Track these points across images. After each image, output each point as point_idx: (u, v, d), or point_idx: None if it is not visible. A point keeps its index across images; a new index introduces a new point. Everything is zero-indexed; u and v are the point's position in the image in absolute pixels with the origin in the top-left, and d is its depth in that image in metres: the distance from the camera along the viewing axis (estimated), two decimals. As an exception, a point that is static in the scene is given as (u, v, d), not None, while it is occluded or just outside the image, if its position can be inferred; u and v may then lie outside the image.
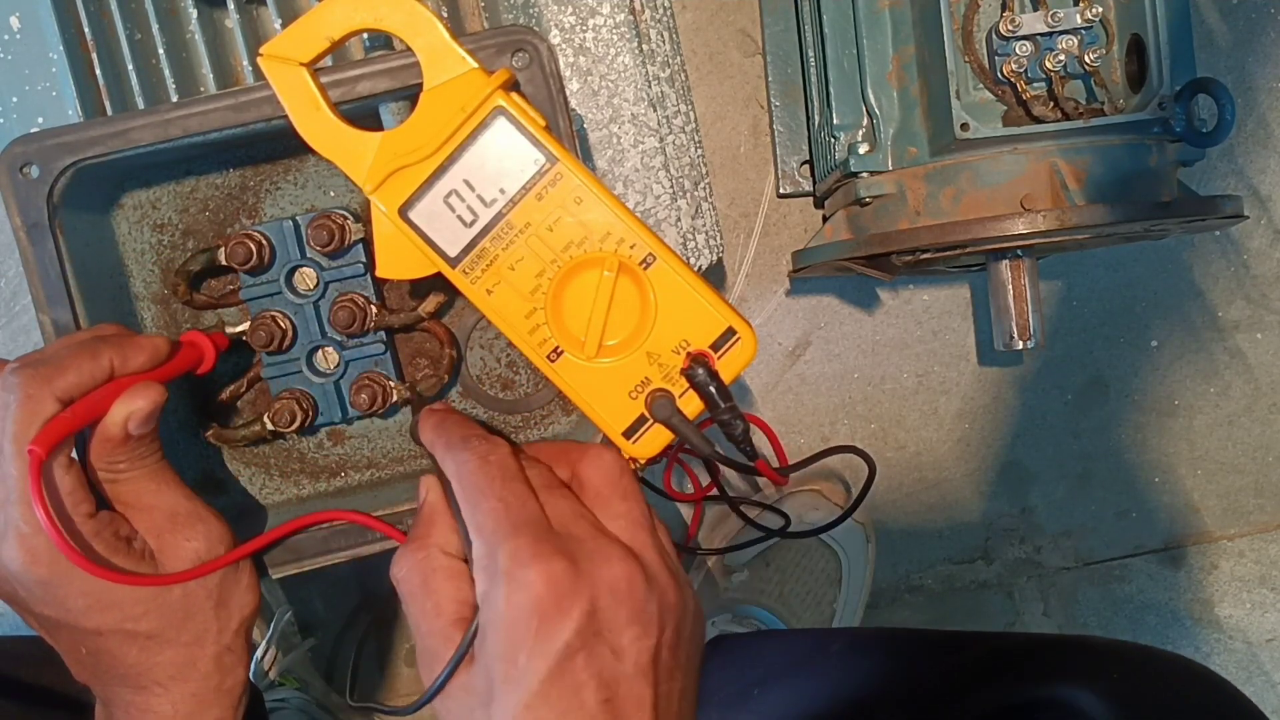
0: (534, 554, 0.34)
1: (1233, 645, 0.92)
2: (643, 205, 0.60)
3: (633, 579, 0.35)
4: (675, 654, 0.36)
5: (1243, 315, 0.87)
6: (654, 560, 0.36)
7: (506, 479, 0.36)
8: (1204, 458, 0.90)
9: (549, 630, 0.33)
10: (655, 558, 0.36)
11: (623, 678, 0.34)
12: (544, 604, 0.33)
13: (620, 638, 0.34)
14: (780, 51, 0.80)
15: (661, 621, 0.35)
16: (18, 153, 0.41)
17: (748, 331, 0.39)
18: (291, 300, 0.47)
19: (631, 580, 0.35)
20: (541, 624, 0.33)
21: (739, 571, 0.82)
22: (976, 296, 0.85)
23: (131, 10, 0.50)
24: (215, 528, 0.41)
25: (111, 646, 0.38)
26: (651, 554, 0.36)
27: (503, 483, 0.36)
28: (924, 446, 0.88)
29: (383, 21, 0.37)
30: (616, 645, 0.34)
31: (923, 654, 0.57)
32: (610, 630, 0.34)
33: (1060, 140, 0.60)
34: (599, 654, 0.34)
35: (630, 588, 0.35)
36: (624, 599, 0.34)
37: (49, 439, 0.35)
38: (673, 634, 0.36)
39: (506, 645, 0.34)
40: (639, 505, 0.38)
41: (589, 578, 0.34)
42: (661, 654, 0.35)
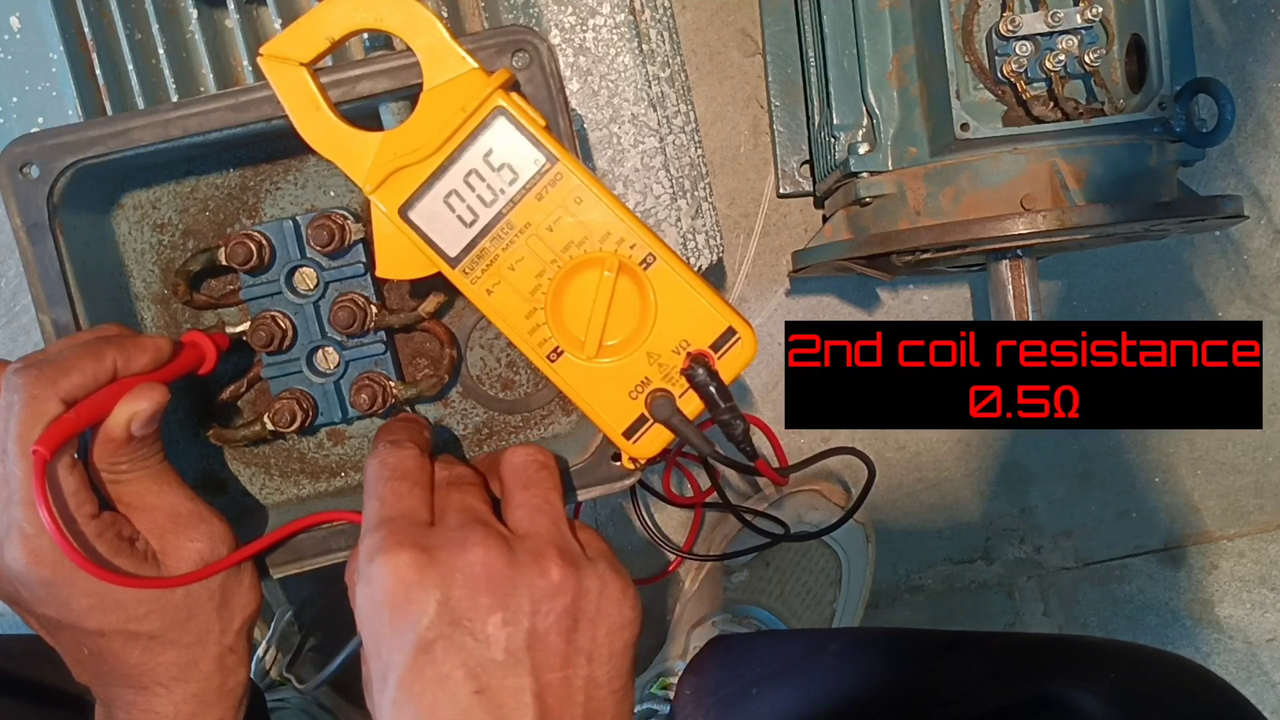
0: (383, 546, 0.33)
1: (1233, 645, 0.92)
2: (643, 205, 0.60)
3: (491, 562, 0.33)
4: (569, 638, 0.33)
5: (1243, 315, 0.87)
6: (542, 544, 0.34)
7: (390, 479, 0.36)
8: (1204, 458, 0.90)
9: (400, 622, 0.32)
10: (546, 541, 0.35)
11: (493, 666, 0.32)
12: (392, 596, 0.33)
13: (484, 624, 0.32)
14: (780, 51, 0.80)
15: (537, 606, 0.33)
16: (18, 153, 0.41)
17: (748, 331, 0.39)
18: (291, 300, 0.47)
19: (490, 564, 0.33)
20: (393, 616, 0.33)
21: (739, 571, 0.82)
22: (976, 296, 0.85)
23: (131, 10, 0.50)
24: (217, 528, 0.41)
25: (114, 647, 0.38)
26: (543, 538, 0.35)
27: (385, 482, 0.36)
28: (924, 446, 0.88)
29: (383, 21, 0.38)
30: (479, 633, 0.32)
31: (922, 654, 0.57)
32: (470, 618, 0.32)
33: (1060, 140, 0.60)
34: (460, 643, 0.32)
35: (489, 572, 0.33)
36: (483, 585, 0.33)
37: (53, 439, 0.35)
38: (561, 618, 0.33)
39: (370, 641, 0.34)
40: (540, 492, 0.37)
41: (442, 566, 0.33)
42: (547, 639, 0.33)
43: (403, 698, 0.32)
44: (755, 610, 0.79)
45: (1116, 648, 0.49)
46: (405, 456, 0.38)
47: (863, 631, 0.76)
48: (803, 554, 0.81)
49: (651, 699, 0.76)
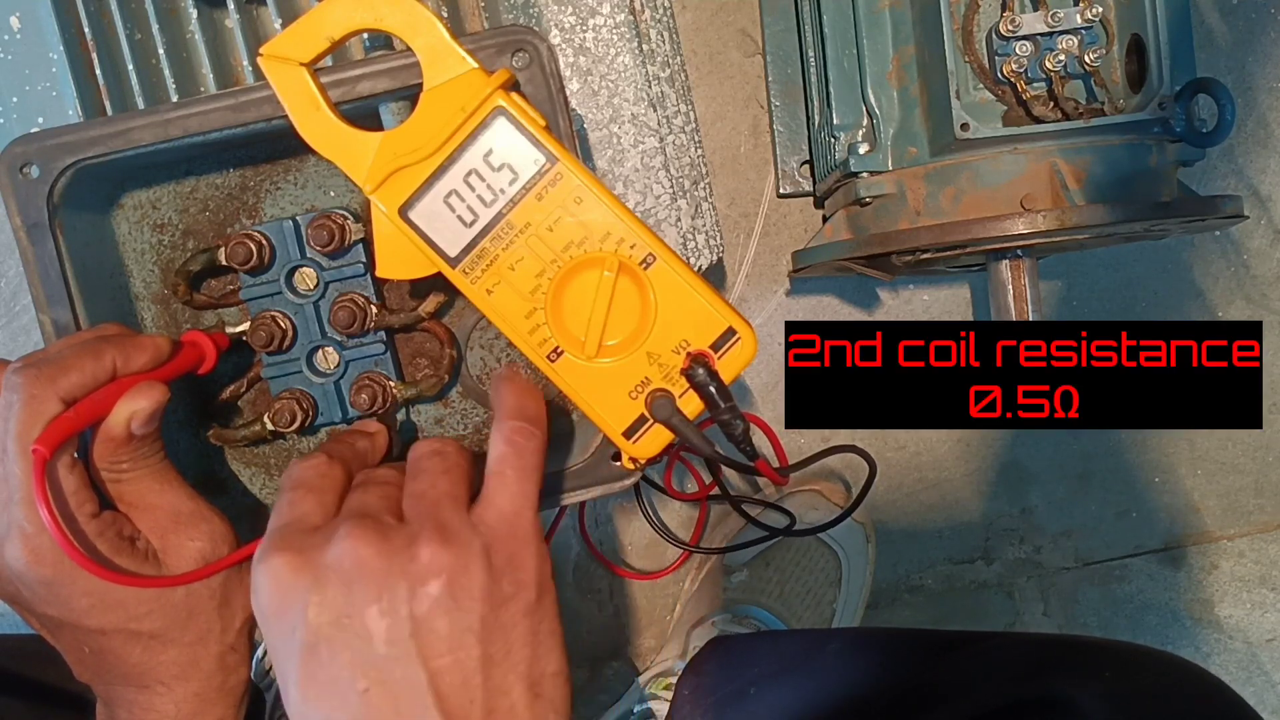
0: (260, 555, 0.33)
1: (1233, 645, 0.92)
2: (643, 205, 0.60)
3: (360, 554, 0.31)
4: (452, 619, 0.31)
5: (1243, 315, 0.87)
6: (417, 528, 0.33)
7: (286, 489, 0.36)
8: (1204, 458, 0.90)
9: (284, 627, 0.32)
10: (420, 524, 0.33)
11: (379, 661, 0.31)
12: (272, 602, 0.32)
13: (363, 619, 0.31)
14: (780, 51, 0.80)
15: (413, 591, 0.31)
16: (18, 153, 0.41)
17: (748, 331, 0.39)
18: (291, 300, 0.47)
19: (359, 556, 0.31)
20: (276, 623, 0.32)
21: (738, 571, 0.82)
22: (976, 296, 0.85)
23: (131, 10, 0.50)
24: (218, 527, 0.41)
25: (115, 646, 0.38)
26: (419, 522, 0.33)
27: (281, 494, 0.36)
28: (924, 446, 0.88)
29: (383, 21, 0.38)
30: (360, 628, 0.31)
31: (922, 654, 0.57)
32: (350, 614, 0.31)
33: (1060, 140, 0.60)
34: (344, 642, 0.31)
35: (359, 564, 0.31)
36: (357, 576, 0.31)
37: (53, 439, 0.35)
38: (440, 600, 0.31)
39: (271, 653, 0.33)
40: (426, 478, 0.35)
41: (313, 565, 0.32)
42: (431, 622, 0.31)
43: (302, 707, 0.31)
44: (755, 610, 0.79)
45: (1116, 648, 0.49)
46: (306, 466, 0.37)
47: (862, 631, 0.76)
48: (802, 554, 0.82)
49: (651, 699, 0.76)
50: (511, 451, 0.35)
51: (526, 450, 0.36)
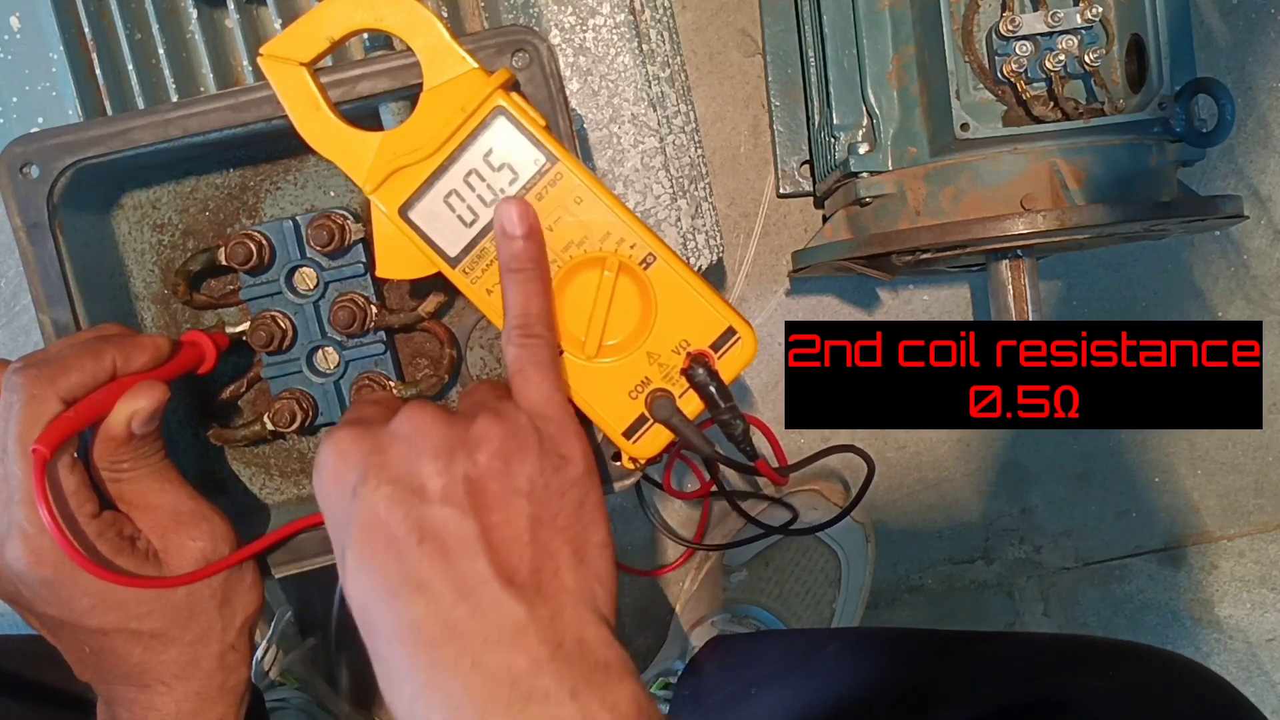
0: (328, 434, 0.35)
1: (1233, 645, 0.92)
2: (643, 205, 0.60)
3: (420, 422, 0.34)
4: (503, 480, 0.33)
5: (1243, 315, 0.87)
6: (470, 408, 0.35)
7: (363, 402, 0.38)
8: (1204, 458, 0.90)
9: (343, 490, 0.34)
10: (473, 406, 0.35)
11: (434, 515, 0.32)
12: (333, 469, 0.34)
13: (419, 477, 0.33)
14: (780, 51, 0.80)
15: (472, 450, 0.33)
16: (18, 153, 0.41)
17: (748, 331, 0.39)
18: (291, 300, 0.47)
19: (418, 423, 0.34)
20: (336, 488, 0.34)
21: (738, 571, 0.82)
22: (976, 296, 0.85)
23: (131, 10, 0.50)
24: (219, 527, 0.41)
25: (115, 645, 0.38)
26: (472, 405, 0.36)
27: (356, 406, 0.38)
28: (924, 446, 0.88)
29: (383, 21, 0.38)
30: (417, 486, 0.33)
31: (921, 654, 0.57)
32: (408, 474, 0.33)
33: (1060, 140, 0.60)
34: (399, 499, 0.32)
35: (419, 429, 0.34)
36: (416, 440, 0.33)
37: (53, 438, 0.35)
38: (492, 460, 0.33)
39: (329, 527, 0.35)
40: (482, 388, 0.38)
41: (374, 434, 0.34)
42: (483, 483, 0.33)
43: (355, 564, 0.33)
44: (755, 610, 0.79)
45: (1120, 647, 0.49)
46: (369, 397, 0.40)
47: (862, 632, 0.76)
48: (802, 554, 0.82)
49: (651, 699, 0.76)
50: (524, 352, 0.37)
51: (537, 346, 0.37)
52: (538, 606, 0.32)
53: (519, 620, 0.31)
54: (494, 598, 0.32)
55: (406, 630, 0.31)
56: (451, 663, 0.31)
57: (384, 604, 0.32)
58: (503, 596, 0.32)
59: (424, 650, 0.31)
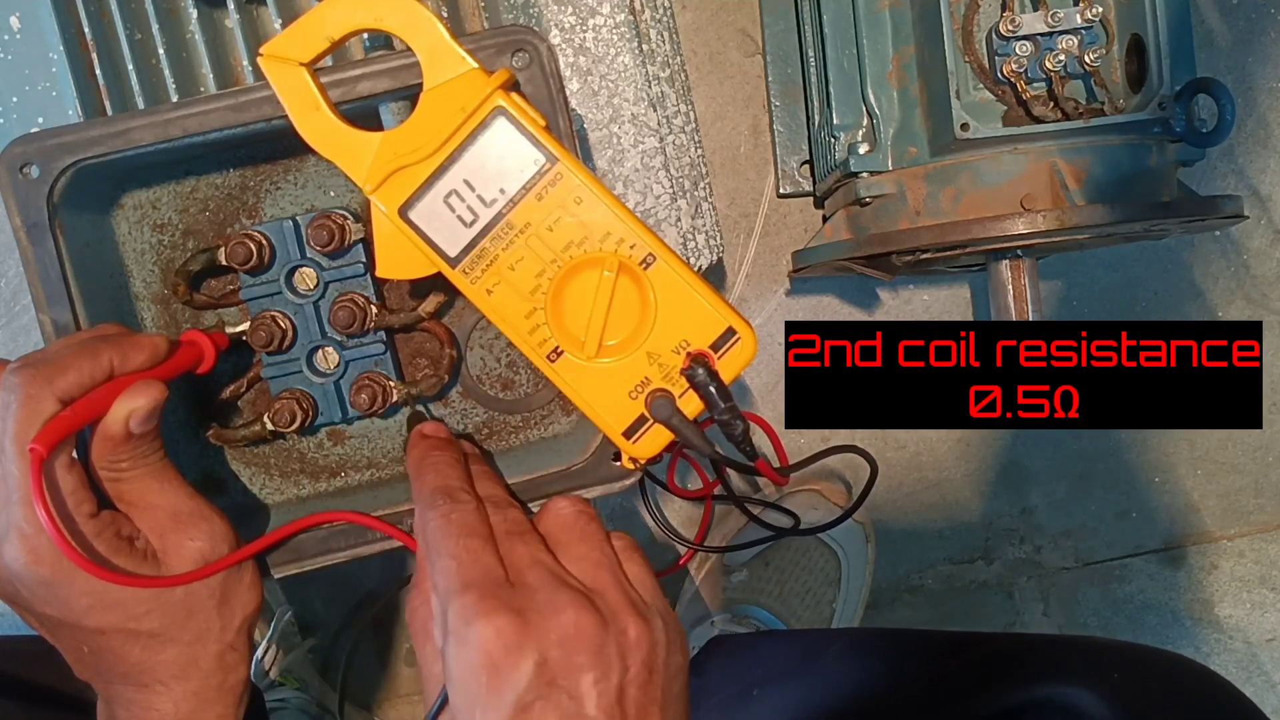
0: (478, 610, 0.34)
1: (1233, 645, 0.92)
2: (643, 205, 0.60)
3: (583, 623, 0.34)
4: (647, 690, 0.35)
5: (1243, 315, 0.87)
6: (615, 599, 0.36)
7: (462, 535, 0.37)
8: (1204, 458, 0.90)
9: (499, 685, 0.33)
10: (617, 596, 0.36)
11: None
12: (492, 659, 0.33)
13: (578, 684, 0.34)
14: (780, 51, 0.80)
15: (624, 660, 0.35)
16: (18, 153, 0.41)
17: (748, 331, 0.39)
18: (291, 300, 0.47)
19: (581, 625, 0.34)
20: (491, 680, 0.33)
21: (738, 571, 0.82)
22: (976, 296, 0.85)
23: (131, 10, 0.50)
24: (218, 526, 0.41)
25: (114, 645, 0.38)
26: (613, 593, 0.36)
27: (457, 539, 0.36)
28: (924, 446, 0.88)
29: (383, 21, 0.37)
30: (574, 692, 0.33)
31: (922, 655, 0.57)
32: (566, 678, 0.34)
33: (1060, 140, 0.60)
34: (556, 702, 0.33)
35: (581, 633, 0.34)
36: (577, 645, 0.34)
37: (50, 438, 0.35)
38: (641, 669, 0.35)
39: (463, 703, 0.34)
40: (596, 545, 0.38)
41: (537, 629, 0.34)
42: (629, 692, 0.34)
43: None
44: (755, 610, 0.79)
45: (1122, 648, 0.49)
46: (468, 512, 0.38)
47: (863, 633, 0.75)
48: (802, 554, 0.81)
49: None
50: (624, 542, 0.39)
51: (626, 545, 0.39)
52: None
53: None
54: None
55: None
56: None
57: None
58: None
59: None
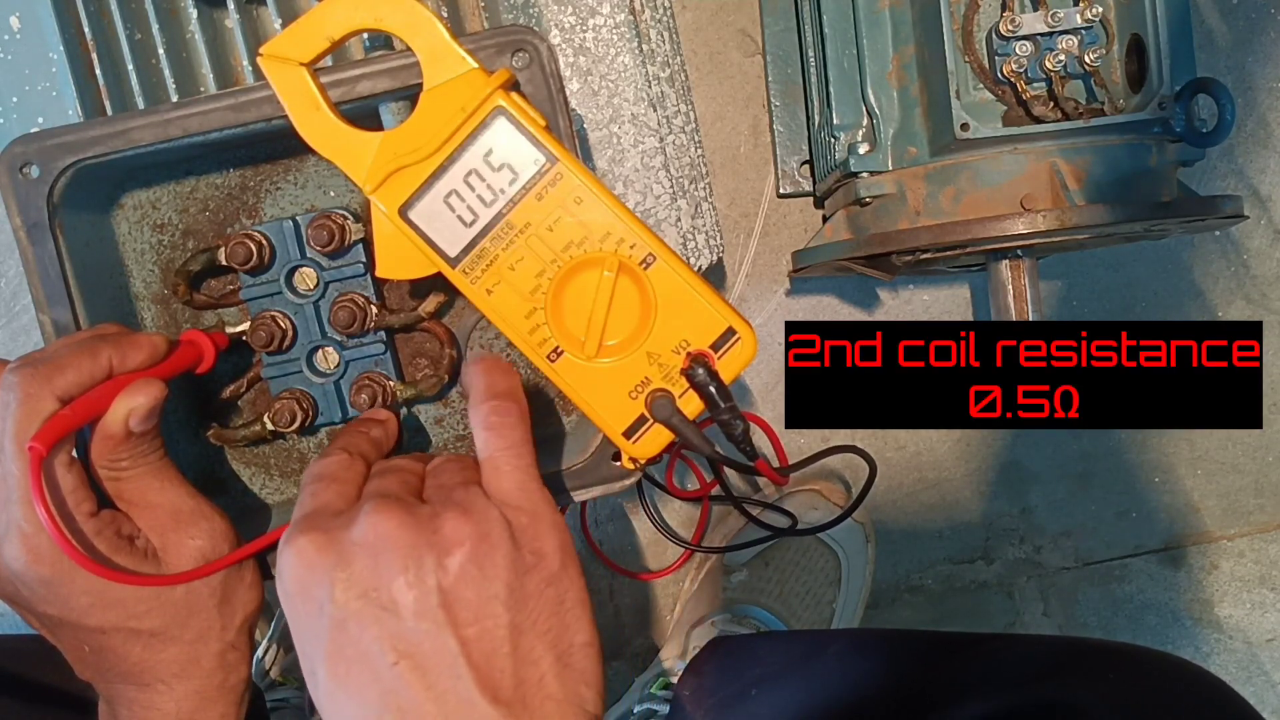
0: (285, 540, 0.33)
1: (1233, 645, 0.92)
2: (643, 205, 0.60)
3: (384, 529, 0.32)
4: (478, 588, 0.32)
5: (1243, 315, 0.87)
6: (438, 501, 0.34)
7: (309, 482, 0.37)
8: (1204, 458, 0.90)
9: (310, 606, 0.32)
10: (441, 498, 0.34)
11: (409, 632, 0.31)
12: (301, 582, 0.32)
13: (390, 590, 0.31)
14: (780, 51, 0.80)
15: (440, 558, 0.31)
16: (18, 153, 0.41)
17: (748, 331, 0.39)
18: (291, 300, 0.47)
19: (383, 531, 0.32)
20: (303, 602, 0.32)
21: (738, 571, 0.82)
22: (976, 296, 0.85)
23: (131, 10, 0.50)
24: (219, 525, 0.41)
25: (115, 644, 0.38)
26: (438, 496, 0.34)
27: (304, 487, 0.36)
28: (924, 446, 0.88)
29: (383, 21, 0.38)
30: (387, 600, 0.31)
31: (922, 656, 0.57)
32: (377, 587, 0.31)
33: (1060, 140, 0.60)
34: (372, 617, 0.31)
35: (383, 536, 0.32)
36: (382, 550, 0.31)
37: (49, 436, 0.35)
38: (467, 566, 0.32)
39: (296, 639, 0.33)
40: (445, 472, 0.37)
41: (340, 543, 0.32)
42: (457, 593, 0.31)
43: (330, 685, 0.31)
44: (755, 610, 0.79)
45: (1121, 650, 0.49)
46: (326, 461, 0.38)
47: (863, 633, 0.76)
48: (802, 554, 0.81)
49: (651, 699, 0.76)
50: (493, 434, 0.36)
51: (507, 427, 0.36)
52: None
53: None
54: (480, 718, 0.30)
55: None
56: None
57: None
58: (489, 714, 0.30)
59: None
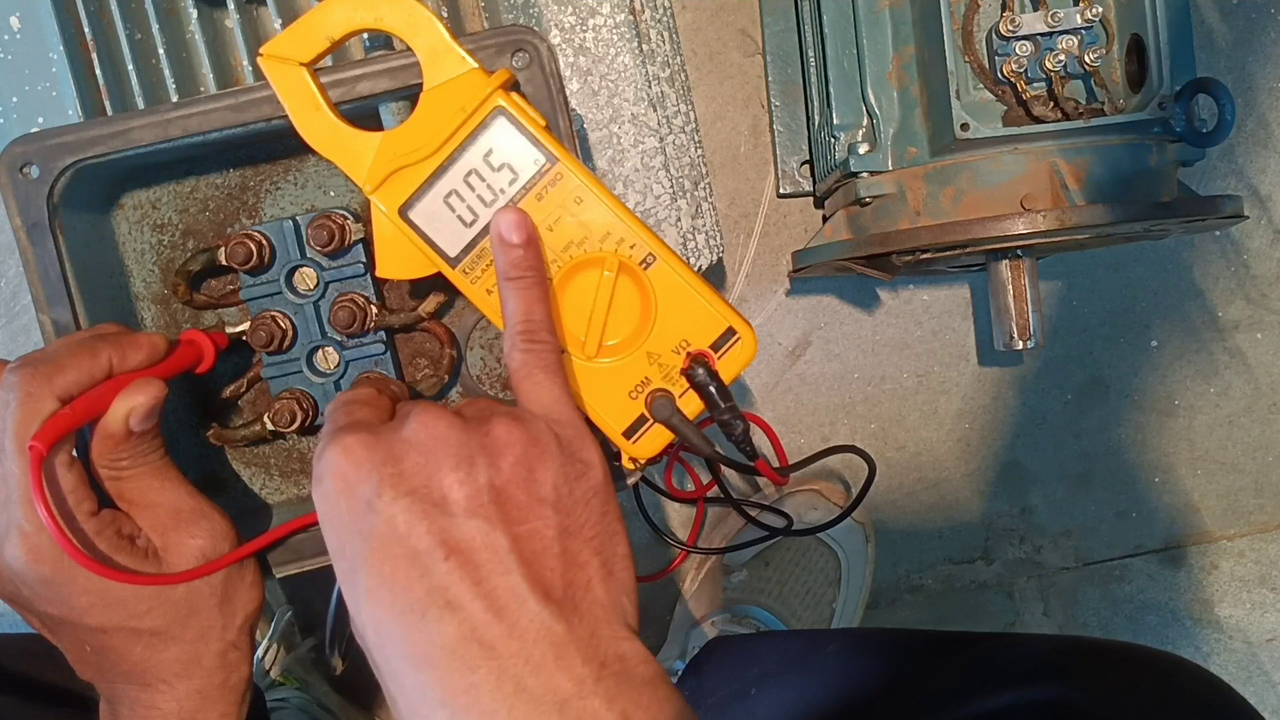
0: (331, 439, 0.32)
1: (1233, 645, 0.92)
2: (643, 205, 0.60)
3: (435, 428, 0.32)
4: (529, 489, 0.32)
5: (1243, 315, 0.87)
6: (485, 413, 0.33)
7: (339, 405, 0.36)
8: (1204, 458, 0.90)
9: (356, 504, 0.31)
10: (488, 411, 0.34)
11: (460, 528, 0.30)
12: (344, 479, 0.31)
13: (440, 486, 0.31)
14: (780, 51, 0.80)
15: (491, 458, 0.31)
16: (18, 153, 0.41)
17: (748, 331, 0.39)
18: (291, 300, 0.47)
19: (434, 430, 0.32)
20: (348, 501, 0.31)
21: (738, 571, 0.82)
22: (976, 296, 0.85)
23: (131, 10, 0.50)
24: (219, 524, 0.41)
25: (116, 644, 0.39)
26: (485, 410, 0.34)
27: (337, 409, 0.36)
28: (924, 446, 0.88)
29: (383, 21, 0.38)
30: (438, 496, 0.31)
31: (921, 655, 0.57)
32: (428, 484, 0.31)
33: (1060, 140, 0.60)
34: (421, 511, 0.30)
35: (435, 436, 0.31)
36: (434, 447, 0.31)
37: (50, 436, 0.35)
38: (517, 468, 0.32)
39: (334, 544, 0.32)
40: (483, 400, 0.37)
41: (387, 441, 0.32)
42: (508, 494, 0.31)
43: (374, 583, 0.30)
44: (755, 610, 0.79)
45: (1120, 649, 0.49)
46: (357, 391, 0.38)
47: (862, 633, 0.76)
48: (802, 554, 0.81)
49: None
50: (531, 356, 0.36)
51: (544, 350, 0.36)
52: (575, 623, 0.30)
53: (559, 638, 0.30)
54: (532, 615, 0.30)
55: (438, 653, 0.29)
56: (493, 686, 0.29)
57: (409, 625, 0.30)
58: (541, 613, 0.30)
59: (459, 673, 0.29)
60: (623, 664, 0.31)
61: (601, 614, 0.32)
